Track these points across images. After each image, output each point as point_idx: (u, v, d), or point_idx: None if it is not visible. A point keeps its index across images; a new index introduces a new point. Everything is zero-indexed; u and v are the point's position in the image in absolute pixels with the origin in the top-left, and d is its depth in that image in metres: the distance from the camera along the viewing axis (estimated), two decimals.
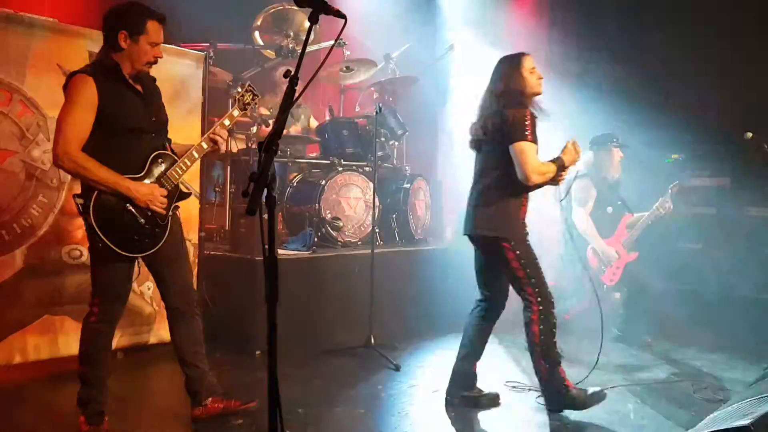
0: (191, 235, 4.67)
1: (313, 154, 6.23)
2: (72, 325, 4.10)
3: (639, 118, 6.68)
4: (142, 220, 3.02)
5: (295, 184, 5.53)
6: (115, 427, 3.25)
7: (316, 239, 5.03)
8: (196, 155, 3.21)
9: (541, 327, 3.60)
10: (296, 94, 1.85)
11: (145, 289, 4.48)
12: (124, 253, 2.99)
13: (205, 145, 3.23)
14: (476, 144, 3.76)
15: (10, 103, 3.86)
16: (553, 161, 3.69)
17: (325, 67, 5.70)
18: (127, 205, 2.98)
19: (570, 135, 3.99)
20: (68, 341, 4.08)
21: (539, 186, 3.61)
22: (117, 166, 2.96)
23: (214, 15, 5.60)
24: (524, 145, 3.50)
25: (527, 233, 3.68)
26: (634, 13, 8.55)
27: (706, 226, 7.36)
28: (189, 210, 4.66)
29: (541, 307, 3.61)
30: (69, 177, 4.06)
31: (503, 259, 3.60)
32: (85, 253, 4.16)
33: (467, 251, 5.95)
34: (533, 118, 3.60)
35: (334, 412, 3.52)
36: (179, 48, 4.74)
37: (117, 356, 4.39)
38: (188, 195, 3.29)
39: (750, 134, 4.93)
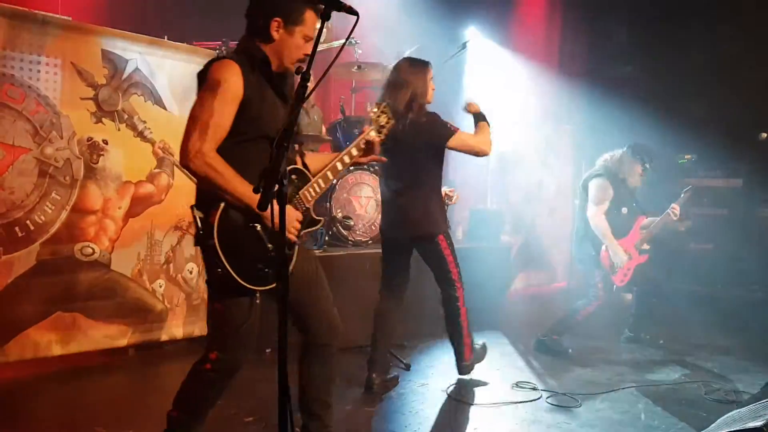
0: None
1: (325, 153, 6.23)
2: (84, 322, 4.13)
3: (651, 119, 6.65)
4: (270, 245, 2.45)
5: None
6: (125, 425, 3.26)
7: (326, 238, 5.03)
8: (331, 176, 2.75)
9: (466, 306, 4.07)
10: (308, 91, 1.85)
11: (156, 287, 4.50)
12: (245, 285, 2.42)
13: (340, 166, 2.79)
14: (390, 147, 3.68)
15: (24, 100, 3.89)
16: (481, 122, 3.99)
17: (336, 66, 5.70)
18: (256, 225, 2.41)
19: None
20: (80, 338, 4.11)
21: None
22: (248, 178, 2.39)
23: (227, 13, 5.61)
24: (460, 136, 3.81)
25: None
26: (646, 13, 8.52)
27: (718, 227, 7.32)
28: None
29: (463, 289, 4.07)
30: (81, 174, 4.09)
31: (438, 249, 3.96)
32: (97, 250, 4.19)
33: (477, 252, 5.97)
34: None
35: (344, 410, 3.52)
36: (191, 46, 4.76)
37: (128, 353, 4.42)
38: (318, 222, 2.75)
39: (764, 135, 4.89)
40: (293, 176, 2.62)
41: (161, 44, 4.51)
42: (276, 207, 2.21)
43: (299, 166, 2.68)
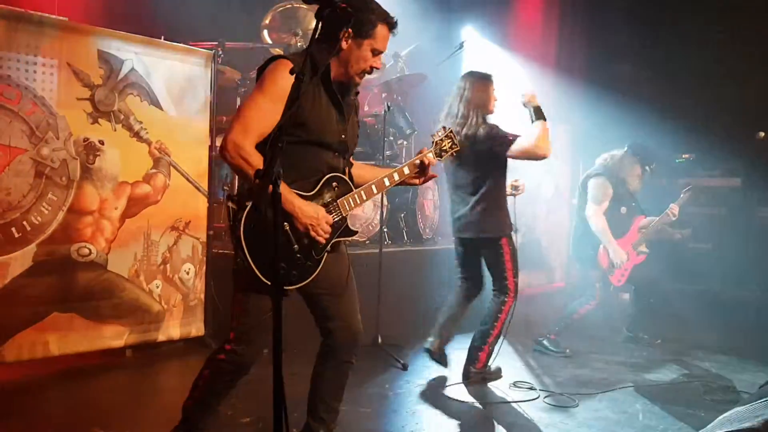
0: (200, 233, 4.69)
1: None
2: (81, 323, 4.12)
3: (649, 118, 6.65)
4: (296, 246, 2.49)
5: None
6: (122, 425, 3.26)
7: None
8: (375, 190, 2.75)
9: (508, 319, 4.16)
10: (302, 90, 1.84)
11: (153, 287, 4.49)
12: (264, 280, 2.43)
13: (387, 182, 2.79)
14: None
15: (20, 101, 3.88)
16: (537, 121, 4.04)
17: None
18: (285, 224, 2.46)
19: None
20: (77, 339, 4.10)
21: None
22: (286, 178, 2.38)
23: (223, 13, 5.62)
24: (518, 144, 3.92)
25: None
26: (644, 13, 8.52)
27: (717, 227, 7.33)
28: (197, 209, 4.68)
29: (515, 301, 4.16)
30: (78, 175, 4.09)
31: (500, 253, 4.12)
32: (94, 250, 4.18)
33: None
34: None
35: (340, 411, 3.50)
36: (187, 46, 4.75)
37: (125, 354, 4.41)
38: (354, 234, 2.75)
39: (762, 134, 4.89)
40: (334, 183, 2.62)
41: (157, 44, 4.50)
42: (322, 211, 2.49)
43: (344, 175, 2.68)
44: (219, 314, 4.68)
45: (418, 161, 2.85)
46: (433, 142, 2.96)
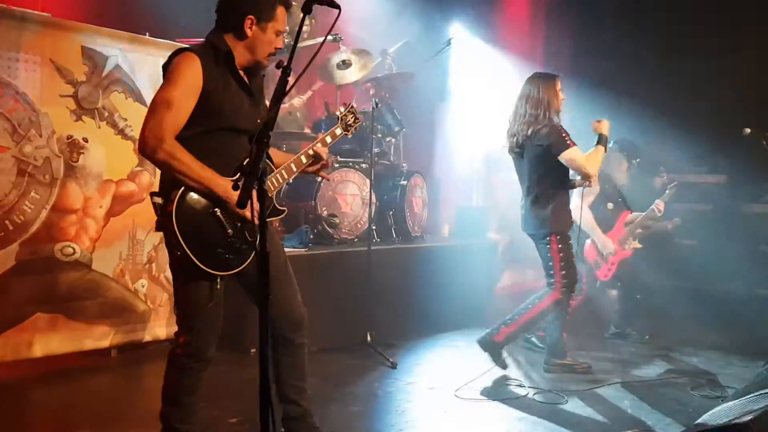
0: None
1: None
2: (64, 323, 4.07)
3: (635, 114, 6.67)
4: (230, 230, 2.54)
5: (291, 180, 5.48)
6: (108, 426, 3.22)
7: (312, 236, 5.00)
8: (295, 168, 2.84)
9: (547, 312, 4.27)
10: (288, 86, 1.82)
11: (139, 287, 4.44)
12: (204, 268, 2.48)
13: (304, 159, 2.88)
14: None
15: (2, 98, 3.82)
16: (599, 145, 4.28)
17: (321, 63, 5.66)
18: (216, 210, 2.51)
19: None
20: (61, 339, 4.05)
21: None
22: (208, 166, 2.50)
23: (210, 10, 5.54)
24: (572, 152, 4.10)
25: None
26: (631, 8, 8.55)
27: (703, 223, 7.37)
28: None
29: (560, 296, 4.26)
30: (61, 173, 4.03)
31: (547, 248, 4.27)
32: (78, 249, 4.13)
33: (464, 249, 5.95)
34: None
35: (329, 410, 3.48)
36: (173, 43, 4.69)
37: (111, 354, 4.37)
38: (282, 213, 2.86)
39: (748, 130, 4.91)
40: None
41: (142, 41, 4.45)
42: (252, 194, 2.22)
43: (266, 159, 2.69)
44: None
45: (328, 138, 2.97)
46: (338, 119, 3.13)
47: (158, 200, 2.51)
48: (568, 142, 4.11)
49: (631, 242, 5.30)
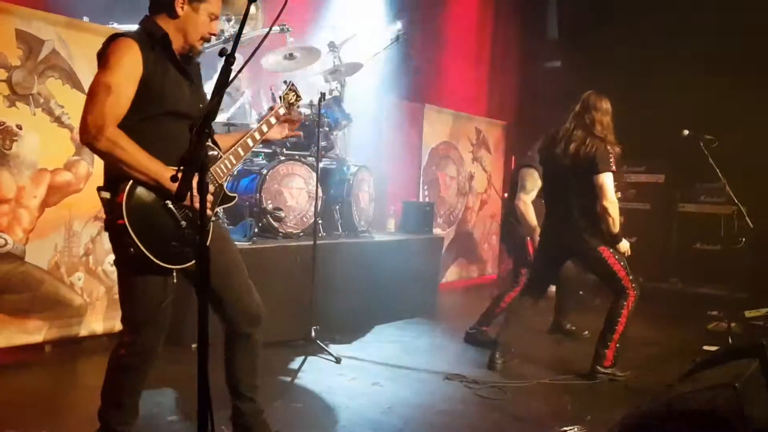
0: None
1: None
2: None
3: None
4: (183, 222, 2.45)
5: (235, 172, 5.39)
6: (40, 425, 3.09)
7: (256, 230, 4.92)
8: (242, 153, 2.76)
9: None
10: (232, 74, 1.77)
11: (75, 280, 4.29)
12: (160, 263, 2.39)
13: (251, 143, 2.80)
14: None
15: None
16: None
17: (269, 54, 5.57)
18: (167, 202, 2.41)
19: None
20: None
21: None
22: (154, 155, 2.40)
23: None
24: (608, 178, 4.20)
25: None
26: (576, 9, 8.70)
27: (641, 221, 7.58)
28: None
29: (636, 296, 4.37)
30: None
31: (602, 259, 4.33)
32: (10, 241, 3.96)
33: (410, 244, 5.97)
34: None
35: (272, 406, 3.44)
36: (113, 28, 4.54)
37: (45, 350, 4.21)
38: (233, 199, 2.79)
39: (686, 132, 5.05)
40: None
41: (81, 26, 4.29)
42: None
43: (211, 144, 2.65)
44: None
45: (273, 117, 2.91)
46: (280, 98, 3.10)
47: (106, 195, 2.40)
48: (610, 166, 4.19)
49: None
